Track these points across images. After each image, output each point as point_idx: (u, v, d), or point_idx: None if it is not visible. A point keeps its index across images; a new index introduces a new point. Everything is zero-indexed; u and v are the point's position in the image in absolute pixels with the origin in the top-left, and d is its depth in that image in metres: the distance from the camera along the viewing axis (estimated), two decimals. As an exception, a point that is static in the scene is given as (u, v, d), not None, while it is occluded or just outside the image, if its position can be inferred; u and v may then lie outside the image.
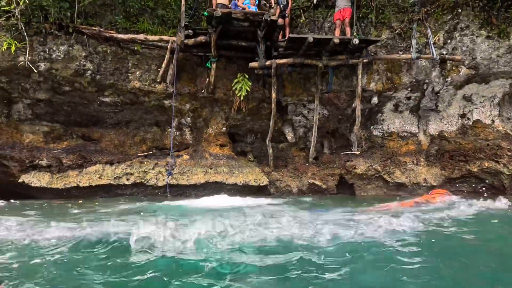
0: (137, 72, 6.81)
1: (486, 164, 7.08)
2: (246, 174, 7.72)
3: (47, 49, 6.04)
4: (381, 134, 7.98)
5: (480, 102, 7.50)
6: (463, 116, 7.68)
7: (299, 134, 8.50)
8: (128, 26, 6.90)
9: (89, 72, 6.39)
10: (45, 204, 5.90)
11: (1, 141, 6.67)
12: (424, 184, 7.60)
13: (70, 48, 6.19)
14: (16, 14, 5.33)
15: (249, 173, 7.74)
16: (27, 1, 5.29)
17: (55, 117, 7.27)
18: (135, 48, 6.78)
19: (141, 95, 7.02)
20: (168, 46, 6.56)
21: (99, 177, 7.06)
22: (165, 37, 6.60)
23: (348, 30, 6.61)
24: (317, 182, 7.89)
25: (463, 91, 7.35)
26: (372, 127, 8.00)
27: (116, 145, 7.61)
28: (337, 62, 6.75)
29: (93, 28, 6.30)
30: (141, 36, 6.54)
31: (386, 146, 7.95)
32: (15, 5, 5.25)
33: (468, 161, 7.30)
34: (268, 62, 6.58)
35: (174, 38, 6.53)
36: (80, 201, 5.83)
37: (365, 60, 6.69)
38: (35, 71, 5.95)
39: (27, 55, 5.73)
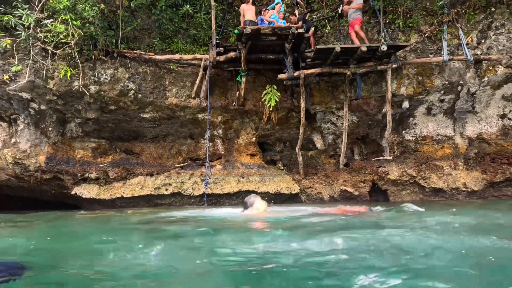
0: (174, 89, 7.32)
1: (533, 167, 6.68)
2: (277, 182, 7.90)
3: (96, 73, 6.72)
4: (413, 138, 7.81)
5: (522, 101, 7.14)
6: (503, 116, 7.33)
7: (328, 141, 8.55)
8: (164, 47, 7.47)
9: (132, 91, 6.99)
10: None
11: (58, 157, 7.43)
12: (464, 189, 7.31)
13: (115, 71, 6.83)
14: (72, 45, 6.03)
15: (280, 181, 7.91)
16: (82, 33, 5.98)
17: (101, 134, 7.97)
18: (171, 67, 7.31)
19: (177, 110, 7.51)
20: (202, 64, 7.01)
21: (141, 188, 7.60)
22: (198, 56, 7.06)
23: (362, 35, 6.63)
24: (349, 189, 7.86)
25: (501, 90, 7.04)
26: (404, 131, 7.87)
27: (155, 157, 8.15)
28: (365, 69, 6.80)
29: (134, 52, 6.92)
30: (177, 56, 7.05)
31: (420, 150, 7.77)
32: (71, 37, 5.95)
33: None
34: (296, 73, 6.78)
35: (207, 56, 6.97)
36: (129, 211, 6.30)
37: (394, 66, 6.68)
38: (87, 94, 6.64)
39: (80, 80, 6.43)
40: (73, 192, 7.60)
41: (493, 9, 6.41)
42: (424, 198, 7.70)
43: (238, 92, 7.47)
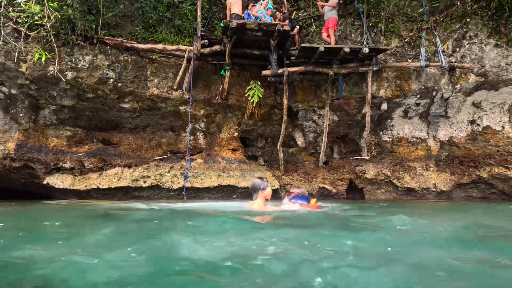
0: (155, 80, 7.16)
1: (496, 170, 7.14)
2: (257, 177, 7.96)
3: (73, 59, 6.44)
4: (390, 139, 8.11)
5: (490, 109, 7.58)
6: (472, 122, 7.76)
7: (309, 139, 8.70)
8: (147, 36, 7.28)
9: (111, 80, 6.77)
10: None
11: (29, 145, 7.08)
12: (433, 190, 7.69)
13: (94, 58, 6.58)
14: (48, 27, 5.73)
15: (261, 177, 7.98)
16: (59, 16, 5.69)
17: (77, 122, 7.67)
18: (154, 57, 7.13)
19: (159, 102, 7.36)
20: (185, 55, 6.89)
21: (118, 180, 7.41)
22: (182, 47, 6.93)
23: (333, 39, 6.66)
24: (327, 187, 8.06)
25: (472, 97, 7.45)
26: (381, 132, 8.15)
27: (134, 149, 7.96)
28: (348, 70, 6.96)
29: (116, 39, 6.68)
30: (160, 46, 6.89)
31: (395, 151, 8.09)
32: (47, 19, 5.65)
33: (478, 166, 7.38)
34: (280, 70, 6.83)
35: (191, 48, 6.86)
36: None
37: (374, 68, 6.88)
38: (63, 80, 6.35)
39: (56, 65, 6.13)
40: (45, 182, 7.28)
41: (468, 20, 6.75)
42: (397, 197, 8.05)
43: (221, 86, 7.42)
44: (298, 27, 7.44)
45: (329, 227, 3.05)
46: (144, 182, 7.48)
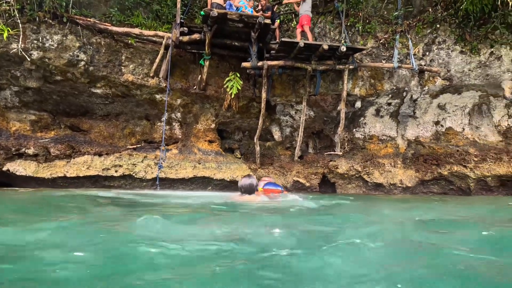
0: (131, 66, 6.89)
1: (455, 168, 7.71)
2: (233, 170, 7.98)
3: (40, 38, 6.01)
4: (362, 136, 8.46)
5: (453, 111, 8.12)
6: (437, 123, 8.29)
7: (285, 134, 8.84)
8: (122, 19, 6.96)
9: (83, 63, 6.41)
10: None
11: (-13, 128, 6.56)
12: (400, 185, 8.15)
13: (64, 38, 6.18)
14: (11, 1, 5.30)
15: (237, 169, 8.00)
16: (24, -11, 5.27)
17: (43, 106, 7.21)
18: (129, 41, 6.84)
19: (133, 88, 7.10)
20: (163, 42, 6.68)
21: (87, 168, 7.09)
22: (160, 33, 6.71)
23: (309, 36, 6.79)
24: (301, 180, 8.27)
25: (438, 100, 7.93)
26: (354, 129, 8.47)
27: (105, 136, 7.64)
28: (325, 67, 7.12)
29: (88, 19, 6.32)
30: (136, 30, 6.62)
31: (366, 148, 8.44)
32: (10, -8, 5.22)
33: (440, 164, 7.91)
34: (260, 63, 6.84)
35: (169, 35, 6.66)
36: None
37: (351, 67, 7.10)
38: (28, 59, 5.92)
39: (20, 42, 5.69)
40: (5, 169, 6.79)
41: (438, 26, 7.15)
42: (366, 191, 8.43)
43: (200, 76, 7.30)
44: (278, 20, 7.47)
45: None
46: (116, 171, 7.22)
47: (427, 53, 7.33)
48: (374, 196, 7.97)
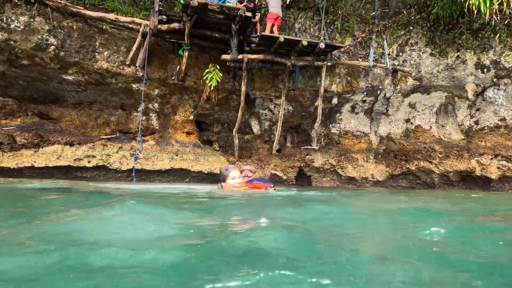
0: (105, 53, 6.62)
1: (422, 164, 8.21)
2: (211, 162, 7.98)
3: (4, 18, 5.60)
4: (338, 132, 8.74)
5: (422, 110, 8.59)
6: (407, 121, 8.74)
7: (264, 127, 8.94)
8: (96, 3, 6.65)
9: (52, 47, 6.07)
10: None
11: None
12: (371, 179, 8.56)
13: (32, 20, 5.80)
14: (-29, -24, 4.88)
15: (215, 162, 8.01)
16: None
17: (7, 91, 6.77)
18: (104, 27, 6.56)
19: (108, 77, 6.84)
20: (140, 29, 6.47)
21: (57, 158, 6.79)
22: (137, 20, 6.49)
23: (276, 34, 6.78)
24: (278, 173, 8.44)
25: (409, 99, 8.35)
26: (330, 125, 8.73)
27: (77, 125, 7.33)
28: (304, 63, 7.24)
29: (59, 1, 5.97)
30: (111, 16, 6.35)
31: (341, 143, 8.75)
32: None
33: (408, 160, 8.39)
34: (240, 56, 6.83)
35: (147, 22, 6.46)
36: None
37: (329, 64, 7.28)
38: (-10, 41, 5.51)
39: (-19, 22, 5.28)
40: (-36, 157, 6.35)
41: (411, 28, 7.48)
42: (340, 184, 8.78)
43: (179, 67, 7.17)
44: (259, 14, 7.46)
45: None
46: (89, 162, 6.98)
47: (401, 54, 7.67)
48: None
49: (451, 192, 7.37)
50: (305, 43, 6.48)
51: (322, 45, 6.59)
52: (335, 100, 8.16)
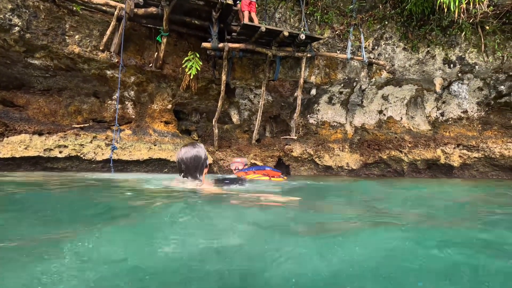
0: (76, 36, 6.22)
1: (393, 153, 8.70)
2: (191, 152, 7.90)
3: (-41, -6, 5.06)
4: (316, 122, 8.99)
5: (394, 102, 9.04)
6: (380, 112, 9.17)
7: (244, 117, 8.96)
8: (65, -18, 6.17)
9: (17, 28, 5.59)
10: None
11: None
12: (346, 168, 8.94)
13: (-8, -3, 5.30)
14: None
15: (194, 152, 7.94)
16: None
17: (-36, 76, 6.19)
18: (74, 8, 6.14)
19: (80, 62, 6.46)
20: (115, 13, 6.14)
21: (25, 148, 6.38)
22: (111, 2, 6.14)
23: (256, 21, 6.75)
24: (258, 163, 8.55)
25: (382, 91, 8.74)
26: (309, 115, 8.94)
27: (46, 114, 6.90)
28: (285, 53, 7.30)
29: (23, -23, 5.48)
30: (83, -3, 5.95)
31: (319, 133, 9.02)
32: None
33: (380, 149, 8.85)
34: (221, 45, 6.73)
35: (122, 5, 6.13)
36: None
37: (308, 55, 7.39)
38: None
39: None
40: None
41: (386, 22, 7.76)
42: (317, 173, 9.09)
43: (156, 54, 6.93)
44: (239, 3, 7.36)
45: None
46: (60, 152, 6.63)
47: (376, 47, 7.96)
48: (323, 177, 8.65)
49: (418, 179, 7.94)
50: (286, 33, 6.52)
51: (302, 36, 6.66)
52: (313, 91, 8.34)
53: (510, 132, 8.15)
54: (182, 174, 2.48)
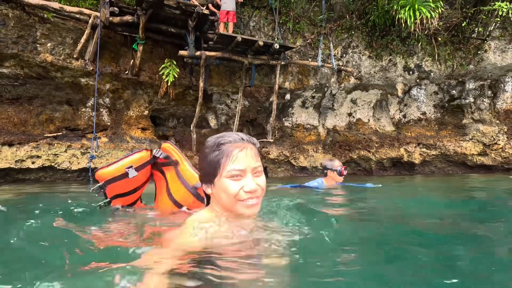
0: (49, 44, 6.09)
1: (362, 153, 9.36)
2: (170, 158, 7.97)
3: None
4: (290, 125, 9.41)
5: (362, 105, 9.72)
6: (350, 114, 9.80)
7: (221, 121, 9.17)
8: (34, -12, 6.00)
9: (-16, 37, 5.39)
10: None
11: None
12: (320, 168, 9.46)
13: (-45, 4, 5.07)
14: None
15: (173, 157, 8.02)
16: None
17: None
18: (45, 15, 6.01)
19: (53, 70, 6.32)
20: (90, 21, 6.09)
21: (-6, 160, 6.13)
22: (85, 10, 6.08)
23: (230, 31, 6.94)
24: (236, 166, 8.81)
25: (351, 95, 9.36)
26: (284, 119, 9.35)
27: (15, 123, 6.65)
28: (260, 61, 7.62)
29: (-11, -16, 5.29)
30: (55, 5, 5.84)
31: (294, 135, 9.46)
32: None
33: (351, 150, 9.47)
34: (198, 53, 6.90)
35: (97, 14, 6.10)
36: None
37: (282, 63, 7.78)
38: None
39: None
40: None
41: (353, 32, 8.35)
42: (293, 174, 9.53)
43: (132, 61, 6.94)
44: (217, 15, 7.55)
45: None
46: (33, 163, 6.44)
47: (344, 55, 8.53)
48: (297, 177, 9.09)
49: (385, 177, 8.63)
50: (261, 43, 6.84)
51: (276, 46, 7.02)
52: (288, 96, 8.75)
53: (462, 132, 9.12)
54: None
